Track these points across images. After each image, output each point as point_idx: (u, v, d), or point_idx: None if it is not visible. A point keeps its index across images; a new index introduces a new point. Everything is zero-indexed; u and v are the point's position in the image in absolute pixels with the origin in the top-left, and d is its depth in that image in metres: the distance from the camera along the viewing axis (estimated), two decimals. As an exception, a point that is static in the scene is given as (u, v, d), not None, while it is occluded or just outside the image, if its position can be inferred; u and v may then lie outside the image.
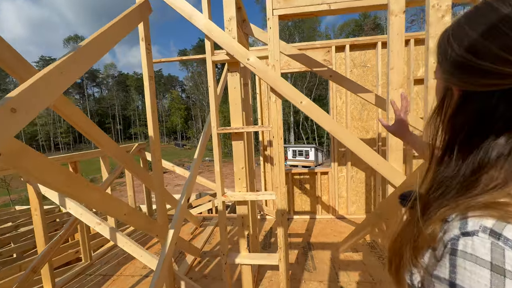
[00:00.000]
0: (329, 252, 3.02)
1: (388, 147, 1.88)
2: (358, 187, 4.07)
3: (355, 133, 3.98)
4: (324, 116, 1.86)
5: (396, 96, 1.82)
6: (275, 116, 1.99)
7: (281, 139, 2.01)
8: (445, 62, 0.42)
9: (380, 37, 3.71)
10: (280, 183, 2.04)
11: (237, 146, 2.15)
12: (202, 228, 3.92)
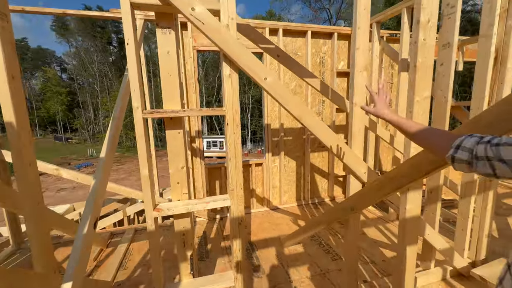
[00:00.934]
0: (274, 249, 2.81)
1: (351, 136, 1.75)
2: (290, 176, 4.08)
3: (288, 121, 3.92)
4: (292, 99, 1.52)
5: (361, 79, 1.68)
6: (230, 96, 1.49)
7: (238, 127, 1.54)
8: None
9: (311, 26, 3.72)
10: (236, 184, 1.58)
11: (173, 137, 1.52)
12: (111, 248, 2.93)
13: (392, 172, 1.25)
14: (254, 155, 30.05)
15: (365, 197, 1.44)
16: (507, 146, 0.58)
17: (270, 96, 1.53)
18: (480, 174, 0.65)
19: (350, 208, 1.59)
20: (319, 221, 1.96)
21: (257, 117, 35.26)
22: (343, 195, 4.36)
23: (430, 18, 1.29)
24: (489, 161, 0.62)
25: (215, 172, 3.68)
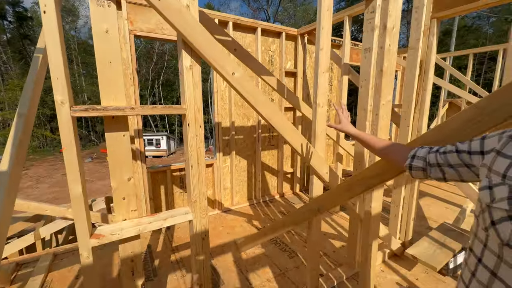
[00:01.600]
0: (231, 255, 2.66)
1: (314, 136, 1.75)
2: (241, 175, 3.98)
3: (239, 119, 3.79)
4: (262, 98, 1.39)
5: (324, 79, 1.68)
6: (190, 91, 1.26)
7: (201, 128, 1.32)
8: None
9: (261, 23, 3.65)
10: (199, 194, 1.37)
11: (116, 141, 1.20)
12: (19, 283, 2.24)
13: (362, 173, 1.28)
14: (195, 153, 28.89)
15: (334, 198, 1.45)
16: (452, 153, 0.71)
17: (237, 92, 1.37)
18: (432, 178, 0.79)
19: (317, 209, 1.59)
20: (284, 223, 1.92)
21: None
22: (291, 191, 4.53)
23: (395, 25, 1.37)
24: (439, 167, 0.75)
25: (159, 176, 3.27)
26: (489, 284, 0.55)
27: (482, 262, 0.57)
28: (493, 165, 0.58)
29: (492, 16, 24.14)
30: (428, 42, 2.36)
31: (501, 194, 0.52)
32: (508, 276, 0.51)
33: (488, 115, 0.82)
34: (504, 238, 0.50)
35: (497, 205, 0.52)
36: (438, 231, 2.64)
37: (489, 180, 0.57)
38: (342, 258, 2.60)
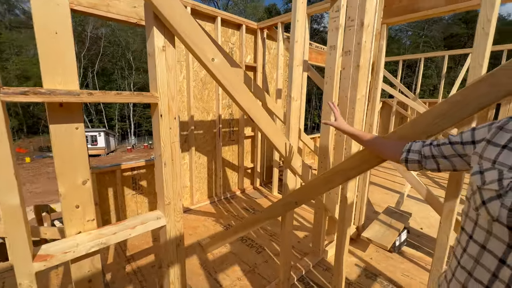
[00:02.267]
0: (196, 257, 2.50)
1: (289, 129, 1.74)
2: (201, 173, 3.78)
3: (198, 113, 3.57)
4: (243, 88, 1.29)
5: (298, 73, 1.68)
6: (163, 78, 1.09)
7: (176, 120, 1.16)
8: None
9: (221, 12, 3.48)
10: (173, 195, 1.21)
11: (66, 135, 0.96)
12: None
13: (341, 165, 1.32)
14: (140, 151, 26.52)
15: (312, 190, 1.47)
16: (446, 145, 0.78)
17: (216, 80, 1.24)
18: (427, 170, 0.85)
19: (294, 203, 1.59)
20: (257, 219, 1.87)
21: (141, 108, 31.10)
22: (251, 186, 4.53)
23: (370, 23, 1.44)
24: (434, 158, 0.81)
25: (107, 178, 2.84)
26: (478, 256, 0.61)
27: (473, 238, 0.64)
28: (484, 153, 0.64)
29: (410, 30, 28.62)
30: (379, 46, 2.60)
31: (491, 177, 0.59)
32: (496, 247, 0.57)
33: (461, 108, 0.91)
34: (494, 215, 0.57)
35: (488, 187, 0.59)
36: (385, 214, 2.99)
37: (480, 166, 0.63)
38: (307, 247, 2.72)
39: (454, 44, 28.05)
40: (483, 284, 0.60)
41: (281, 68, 3.78)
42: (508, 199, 0.55)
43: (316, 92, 30.31)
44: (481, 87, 0.89)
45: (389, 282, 2.20)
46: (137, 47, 28.69)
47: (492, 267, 0.58)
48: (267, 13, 32.58)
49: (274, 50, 4.35)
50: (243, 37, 3.80)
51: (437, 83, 24.50)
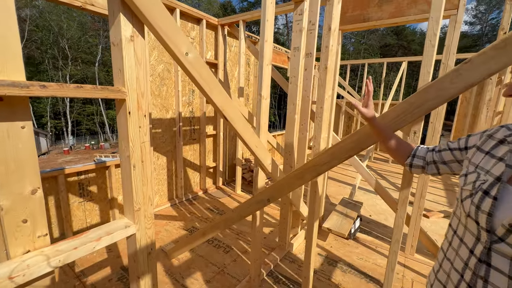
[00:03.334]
0: (160, 265, 2.34)
1: (259, 128, 1.76)
2: (160, 174, 3.54)
3: (156, 110, 3.33)
4: (217, 85, 1.25)
5: (268, 72, 1.70)
6: (133, 70, 0.99)
7: (146, 118, 1.07)
8: None
9: (180, 4, 3.29)
10: (144, 200, 1.11)
11: (11, 136, 0.80)
12: None
13: (312, 161, 1.39)
14: (80, 152, 23.47)
15: (285, 187, 1.51)
16: (446, 151, 0.84)
17: (189, 77, 1.17)
18: (428, 174, 0.91)
19: (267, 200, 1.61)
20: (228, 219, 1.84)
21: (80, 104, 27.52)
22: (214, 186, 4.44)
23: (335, 28, 1.53)
24: (435, 164, 0.88)
25: (47, 185, 2.44)
26: (458, 248, 0.69)
27: (456, 233, 0.71)
28: (472, 158, 0.73)
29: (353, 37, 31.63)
30: (336, 49, 2.81)
31: (470, 179, 0.68)
32: (468, 240, 0.65)
33: (416, 108, 1.05)
34: (466, 211, 0.65)
35: (466, 187, 0.68)
36: (341, 205, 3.27)
37: (467, 169, 0.72)
38: (274, 242, 2.80)
39: (388, 53, 32.13)
40: (459, 273, 0.66)
41: (242, 67, 3.78)
42: (476, 198, 0.63)
43: (272, 91, 31.25)
44: (430, 91, 1.04)
45: (348, 266, 2.42)
46: (74, 34, 25.17)
47: (465, 257, 0.65)
48: (223, 9, 32.14)
49: (235, 47, 4.32)
50: (204, 32, 3.67)
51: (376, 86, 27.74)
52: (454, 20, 2.10)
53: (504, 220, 0.57)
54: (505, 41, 0.87)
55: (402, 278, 2.28)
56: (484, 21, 30.93)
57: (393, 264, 1.60)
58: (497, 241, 0.58)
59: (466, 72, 0.94)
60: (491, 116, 3.91)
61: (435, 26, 1.31)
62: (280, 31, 33.26)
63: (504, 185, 0.61)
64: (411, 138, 1.47)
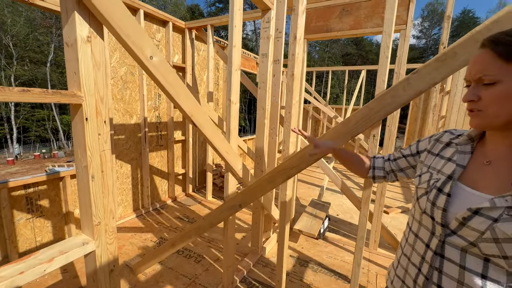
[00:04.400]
0: (124, 282, 2.17)
1: (229, 133, 1.74)
2: (124, 183, 3.31)
3: (117, 117, 3.12)
4: (184, 90, 1.21)
5: (237, 77, 1.71)
6: (90, 73, 0.92)
7: (107, 124, 1.00)
8: None
9: (144, 5, 3.15)
10: (105, 213, 1.03)
11: None
12: None
13: (282, 165, 1.42)
14: (28, 162, 20.90)
15: (256, 191, 1.52)
16: (401, 159, 0.91)
17: (155, 82, 1.12)
18: (388, 182, 0.98)
19: (238, 206, 1.60)
20: (198, 227, 1.78)
21: (29, 108, 24.65)
22: (183, 194, 4.28)
23: (301, 37, 1.59)
24: (393, 172, 0.94)
25: (-15, 200, 2.12)
26: (414, 243, 0.74)
27: (411, 229, 0.77)
28: (424, 160, 0.80)
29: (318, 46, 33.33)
30: (302, 57, 2.93)
31: (424, 178, 0.74)
32: (424, 235, 0.70)
33: (375, 113, 1.14)
34: (422, 208, 0.71)
35: (421, 186, 0.74)
36: (311, 206, 3.38)
37: (420, 170, 0.79)
38: (246, 248, 2.78)
39: (349, 61, 34.50)
40: (416, 267, 0.70)
41: (211, 71, 3.74)
42: (432, 195, 0.68)
43: (242, 96, 31.40)
44: (386, 98, 1.14)
45: (318, 266, 2.50)
46: (20, 31, 22.57)
47: (421, 252, 0.70)
48: (190, 12, 31.59)
49: (203, 52, 4.27)
50: (170, 35, 3.56)
51: (339, 92, 29.51)
52: (403, 34, 2.34)
53: (457, 214, 0.62)
54: (445, 55, 0.99)
55: (367, 272, 2.42)
56: (428, 35, 35.01)
57: (359, 260, 1.69)
58: (450, 234, 0.63)
59: (415, 81, 1.05)
60: (436, 120, 4.41)
61: (387, 39, 1.45)
62: (249, 37, 33.74)
63: (455, 182, 0.66)
64: (370, 140, 1.59)
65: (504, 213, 0.55)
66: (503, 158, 0.62)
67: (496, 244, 0.55)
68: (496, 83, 0.57)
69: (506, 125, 0.59)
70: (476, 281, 0.58)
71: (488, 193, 0.61)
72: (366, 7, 2.52)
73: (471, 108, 0.63)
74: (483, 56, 0.59)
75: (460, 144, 0.71)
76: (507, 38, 0.55)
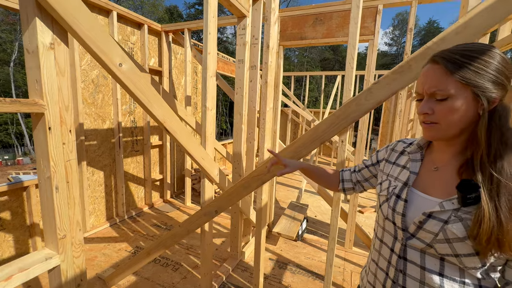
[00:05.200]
0: (96, 296, 2.07)
1: (205, 139, 1.74)
2: (96, 191, 3.16)
3: (89, 122, 2.98)
4: (157, 97, 1.20)
5: (212, 84, 1.72)
6: (53, 80, 0.89)
7: (71, 133, 0.96)
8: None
9: (117, 7, 3.06)
10: (70, 225, 0.99)
11: None
12: None
13: (257, 171, 1.45)
14: (-13, 170, 19.09)
15: (232, 197, 1.53)
16: (364, 169, 0.96)
17: (125, 90, 1.10)
18: (357, 192, 1.01)
19: (214, 212, 1.60)
20: (174, 235, 1.75)
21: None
22: (161, 200, 4.16)
23: (273, 46, 1.64)
24: (359, 183, 0.99)
25: None
26: (379, 248, 0.76)
27: (377, 235, 0.80)
28: (383, 169, 0.84)
29: (297, 51, 34.10)
30: (278, 63, 3.01)
31: (384, 186, 0.78)
32: (388, 240, 0.73)
33: (341, 120, 1.21)
34: (384, 214, 0.74)
35: (381, 193, 0.78)
36: (289, 209, 3.45)
37: (381, 179, 0.83)
38: (226, 253, 2.77)
39: (326, 66, 35.70)
40: (384, 271, 0.73)
41: (189, 75, 3.71)
42: (392, 201, 0.72)
43: (223, 99, 31.23)
44: (351, 106, 1.21)
45: (297, 267, 2.55)
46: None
47: (387, 256, 0.72)
48: (169, 13, 30.95)
49: (180, 55, 4.22)
50: (146, 37, 3.49)
51: (317, 96, 30.39)
52: (372, 44, 2.49)
53: (414, 218, 0.65)
54: (401, 68, 1.08)
55: (343, 271, 2.51)
56: (399, 43, 37.25)
57: (331, 260, 1.76)
58: (410, 237, 0.67)
59: (376, 91, 1.13)
60: (405, 123, 4.70)
61: (352, 50, 1.55)
62: (229, 40, 33.74)
63: (410, 188, 0.71)
64: (339, 145, 1.67)
65: (452, 215, 0.60)
66: (448, 164, 0.68)
67: (448, 244, 0.59)
68: (448, 98, 0.60)
69: (455, 136, 0.64)
70: (435, 279, 0.62)
71: (438, 197, 0.65)
72: (338, 17, 2.65)
73: (425, 121, 0.65)
74: (435, 71, 0.62)
75: (411, 152, 0.76)
76: (456, 57, 0.60)
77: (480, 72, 0.58)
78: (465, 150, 0.65)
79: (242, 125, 2.36)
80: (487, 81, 0.58)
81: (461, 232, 0.58)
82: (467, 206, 0.58)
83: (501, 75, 0.58)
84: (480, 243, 0.55)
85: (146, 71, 3.38)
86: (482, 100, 0.58)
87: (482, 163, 0.58)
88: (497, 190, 0.55)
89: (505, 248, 0.53)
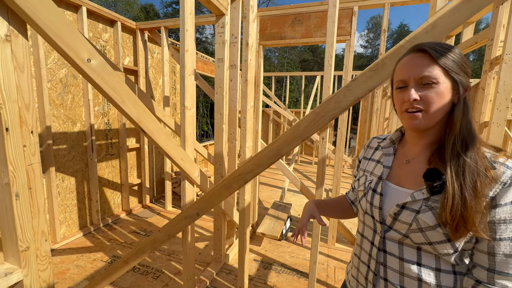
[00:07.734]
0: (69, 311, 1.92)
1: (184, 140, 1.68)
2: (67, 199, 2.94)
3: (57, 125, 2.77)
4: (130, 95, 1.13)
5: (191, 82, 1.67)
6: (10, 77, 0.81)
7: (34, 135, 0.88)
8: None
9: (86, 2, 2.88)
10: (35, 236, 0.91)
11: None
12: None
13: (238, 171, 1.42)
14: None
15: (213, 199, 1.49)
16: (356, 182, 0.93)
17: (95, 87, 1.02)
18: None
19: (196, 214, 1.55)
20: (154, 240, 1.67)
21: None
22: (140, 205, 3.99)
23: (253, 44, 1.62)
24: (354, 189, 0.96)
25: None
26: (361, 243, 0.78)
27: (358, 231, 0.82)
28: (362, 166, 0.87)
29: (277, 51, 34.53)
30: (258, 63, 3.01)
31: (361, 181, 0.81)
32: (368, 234, 0.75)
33: (321, 117, 1.22)
34: (363, 209, 0.77)
35: (359, 188, 0.80)
36: (273, 209, 3.45)
37: (358, 175, 0.86)
38: (209, 256, 2.70)
39: (306, 67, 36.49)
40: (366, 264, 0.75)
41: (167, 75, 3.59)
42: (369, 196, 0.74)
43: (203, 100, 30.78)
44: (330, 103, 1.23)
45: (282, 266, 2.55)
46: None
47: (368, 250, 0.75)
48: (144, 12, 29.93)
49: (157, 54, 4.08)
50: (119, 35, 3.32)
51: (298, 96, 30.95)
52: (348, 44, 2.56)
53: (390, 211, 0.68)
54: (377, 65, 1.11)
55: (326, 267, 2.55)
56: (373, 45, 39.00)
57: (315, 257, 1.78)
58: (387, 229, 0.69)
59: (354, 88, 1.16)
60: (381, 121, 4.91)
61: (330, 49, 1.58)
62: (209, 41, 33.34)
63: (384, 182, 0.73)
64: (320, 142, 1.70)
65: (423, 205, 0.62)
66: (418, 156, 0.71)
67: (422, 233, 0.62)
68: (435, 84, 0.61)
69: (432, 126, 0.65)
70: (413, 269, 0.65)
71: (410, 188, 0.67)
72: (316, 17, 2.70)
73: (411, 108, 0.64)
74: (422, 58, 0.63)
75: (385, 147, 0.79)
76: (437, 47, 0.63)
77: (456, 62, 0.62)
78: (435, 141, 0.68)
79: (223, 125, 2.32)
80: (461, 71, 0.63)
81: (431, 221, 0.60)
82: (435, 195, 0.61)
83: (467, 68, 0.64)
84: (447, 222, 0.57)
85: (120, 70, 3.22)
86: (460, 87, 0.62)
87: (453, 147, 0.61)
88: (463, 170, 0.58)
89: (470, 224, 0.56)
